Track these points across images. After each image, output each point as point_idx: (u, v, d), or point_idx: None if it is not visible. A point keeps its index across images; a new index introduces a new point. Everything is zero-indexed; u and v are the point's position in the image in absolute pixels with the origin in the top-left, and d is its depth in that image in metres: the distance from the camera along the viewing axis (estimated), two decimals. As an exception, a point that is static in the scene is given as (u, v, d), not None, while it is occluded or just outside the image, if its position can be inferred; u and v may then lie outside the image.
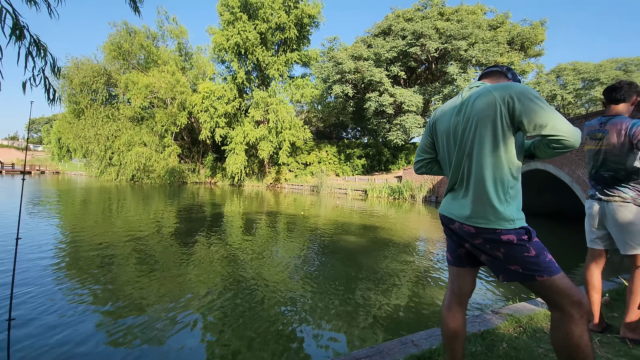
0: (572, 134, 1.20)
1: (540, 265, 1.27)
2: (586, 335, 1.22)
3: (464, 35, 20.90)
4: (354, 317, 3.57)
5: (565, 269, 6.11)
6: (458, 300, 1.54)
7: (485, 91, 1.35)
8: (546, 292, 1.27)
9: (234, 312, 3.64)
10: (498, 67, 1.54)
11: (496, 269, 1.37)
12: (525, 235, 1.30)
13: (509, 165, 1.32)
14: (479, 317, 2.47)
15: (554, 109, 1.23)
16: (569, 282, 1.26)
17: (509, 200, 1.33)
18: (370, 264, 5.69)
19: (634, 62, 27.89)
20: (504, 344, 2.01)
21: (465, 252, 1.51)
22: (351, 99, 25.57)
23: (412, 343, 2.00)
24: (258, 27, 25.84)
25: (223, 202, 16.56)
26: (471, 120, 1.36)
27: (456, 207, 1.44)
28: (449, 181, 1.52)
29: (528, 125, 1.24)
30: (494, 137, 1.31)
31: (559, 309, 1.26)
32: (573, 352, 1.22)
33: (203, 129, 27.71)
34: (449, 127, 1.47)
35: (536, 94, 1.27)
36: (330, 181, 26.90)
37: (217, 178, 31.84)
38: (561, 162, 9.89)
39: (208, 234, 7.97)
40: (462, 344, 1.52)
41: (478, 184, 1.34)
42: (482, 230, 1.33)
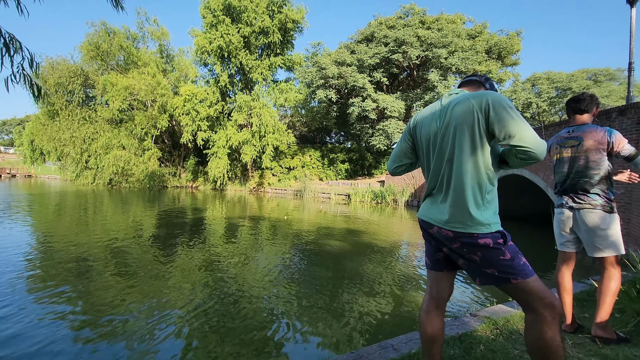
0: (538, 146, 1.25)
1: (515, 268, 1.30)
2: (558, 336, 1.25)
3: (444, 44, 21.45)
4: (336, 322, 3.56)
5: (540, 271, 6.32)
6: (436, 304, 1.55)
7: (463, 98, 1.38)
8: (520, 295, 1.30)
9: (216, 318, 3.57)
10: (477, 76, 1.58)
11: (473, 273, 1.40)
12: (501, 239, 1.33)
13: (487, 171, 1.36)
14: (458, 320, 2.50)
15: (524, 121, 1.28)
16: (541, 284, 1.30)
17: (486, 205, 1.36)
18: (353, 269, 5.70)
19: (603, 72, 29.28)
20: (481, 346, 2.04)
21: (443, 256, 1.53)
22: (334, 104, 25.74)
23: (392, 347, 2.01)
24: (242, 30, 25.71)
25: (205, 207, 16.27)
26: (450, 126, 1.39)
27: (435, 211, 1.46)
28: (427, 186, 1.54)
29: (499, 133, 1.28)
30: (472, 143, 1.34)
31: (532, 311, 1.29)
32: (546, 352, 1.25)
33: (184, 132, 27.22)
34: (428, 133, 1.50)
35: (510, 104, 1.31)
36: (314, 185, 26.88)
37: (198, 182, 31.27)
38: (536, 167, 10.24)
39: (189, 239, 7.80)
40: (440, 347, 1.54)
41: (457, 189, 1.36)
42: (460, 234, 1.36)
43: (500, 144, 1.33)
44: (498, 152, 1.41)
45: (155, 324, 3.40)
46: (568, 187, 2.34)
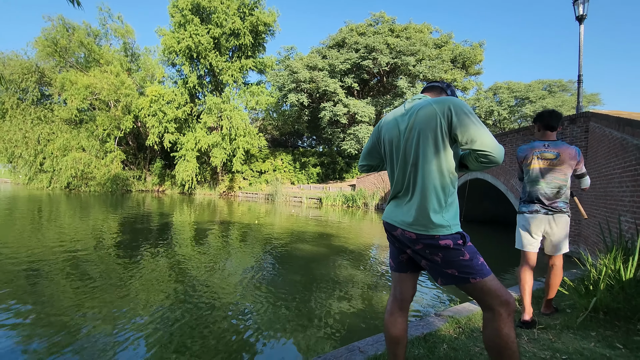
0: (497, 151, 1.31)
1: (474, 268, 1.34)
2: (513, 332, 1.31)
3: (412, 52, 22.15)
4: (306, 327, 3.53)
5: (502, 271, 6.62)
6: (400, 305, 1.58)
7: (426, 104, 1.42)
8: (478, 294, 1.35)
9: (182, 326, 3.44)
10: (439, 82, 1.64)
11: (435, 273, 1.43)
12: (461, 240, 1.37)
13: (449, 174, 1.40)
14: (423, 320, 2.56)
15: (484, 126, 1.33)
16: (498, 283, 1.35)
17: (448, 208, 1.40)
18: (324, 272, 5.70)
19: (557, 83, 31.42)
20: (444, 345, 2.10)
21: (407, 258, 1.56)
22: (306, 108, 25.81)
23: (359, 350, 2.02)
24: (211, 31, 25.22)
25: (172, 212, 15.70)
26: (414, 130, 1.42)
27: (399, 214, 1.48)
28: (392, 189, 1.57)
29: (461, 138, 1.33)
30: (436, 147, 1.38)
31: (489, 309, 1.34)
32: (502, 347, 1.30)
33: (150, 134, 26.22)
34: (392, 137, 1.52)
35: (470, 110, 1.36)
36: (286, 189, 26.73)
37: (165, 186, 30.18)
38: (497, 172, 10.76)
39: (154, 245, 7.48)
40: (404, 348, 1.56)
41: (421, 192, 1.40)
42: (423, 236, 1.39)
43: (462, 148, 1.38)
44: (459, 155, 1.46)
45: (117, 334, 3.22)
46: (541, 195, 2.56)
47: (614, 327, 2.37)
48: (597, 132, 6.30)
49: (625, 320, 2.42)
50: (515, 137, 9.90)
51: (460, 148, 1.41)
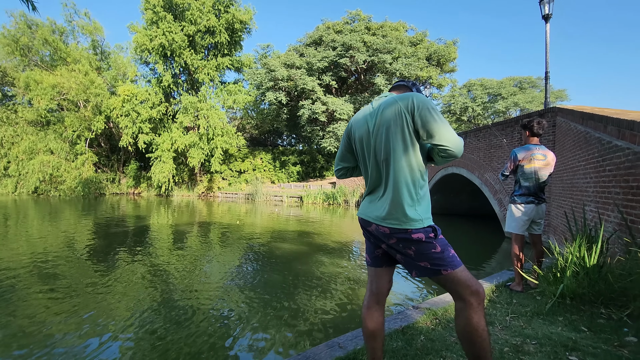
0: (456, 145, 1.35)
1: (445, 260, 1.38)
2: (483, 321, 1.35)
3: (388, 50, 22.41)
4: (288, 325, 3.53)
5: (481, 260, 6.83)
6: (376, 299, 1.60)
7: (392, 101, 1.45)
8: (450, 285, 1.39)
9: (162, 329, 3.36)
10: (405, 81, 1.67)
11: (409, 266, 1.46)
12: (432, 233, 1.40)
13: (419, 169, 1.43)
14: (401, 314, 2.61)
15: (445, 121, 1.37)
16: (468, 274, 1.40)
17: (420, 201, 1.43)
18: (306, 270, 5.71)
19: (527, 80, 32.65)
20: (421, 337, 2.15)
21: (382, 252, 1.58)
22: (285, 106, 25.66)
23: (339, 345, 2.03)
24: (185, 29, 24.61)
25: (148, 214, 15.27)
26: (382, 127, 1.45)
27: (373, 209, 1.50)
28: (367, 186, 1.59)
29: (423, 133, 1.37)
30: (404, 143, 1.40)
31: (460, 299, 1.38)
32: (472, 336, 1.34)
33: (124, 135, 25.37)
34: (362, 135, 1.54)
35: (433, 106, 1.39)
36: (266, 189, 26.52)
37: (141, 188, 29.29)
38: (472, 166, 11.08)
39: (130, 250, 7.25)
40: (382, 342, 1.58)
41: (393, 187, 1.42)
42: (396, 230, 1.41)
43: (423, 142, 1.41)
44: (426, 149, 1.49)
45: (91, 342, 3.11)
46: (534, 189, 3.18)
47: (580, 312, 2.49)
48: (563, 126, 6.60)
49: (589, 305, 2.56)
50: (489, 132, 10.21)
51: (422, 142, 1.44)
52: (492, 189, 9.80)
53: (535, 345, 2.00)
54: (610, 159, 3.76)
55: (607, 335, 2.12)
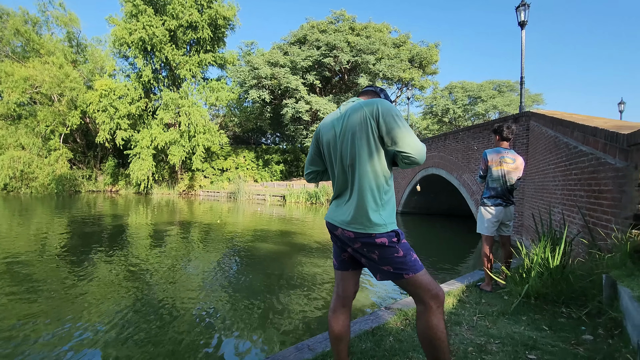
0: (418, 152, 1.38)
1: (407, 264, 1.41)
2: (442, 323, 1.39)
3: (372, 51, 22.59)
4: (265, 326, 3.52)
5: (459, 256, 6.99)
6: (342, 302, 1.62)
7: (358, 106, 1.46)
8: (411, 288, 1.42)
9: (139, 331, 3.31)
10: (373, 87, 1.69)
11: (373, 270, 1.48)
12: (395, 238, 1.43)
13: (384, 174, 1.45)
14: (373, 314, 2.65)
15: (409, 128, 1.40)
16: (429, 277, 1.43)
17: (384, 206, 1.45)
18: (286, 271, 5.71)
19: (505, 84, 33.57)
20: (390, 338, 2.18)
21: (348, 256, 1.60)
22: (268, 105, 25.48)
23: (308, 348, 2.05)
24: (167, 23, 24.07)
25: (126, 213, 14.88)
26: (348, 133, 1.46)
27: (339, 214, 1.52)
28: (334, 190, 1.60)
29: (387, 139, 1.39)
30: (369, 148, 1.42)
31: (421, 302, 1.41)
32: (432, 337, 1.38)
33: (101, 131, 24.65)
34: (329, 140, 1.55)
35: (398, 113, 1.42)
36: (249, 187, 26.30)
37: (119, 186, 28.52)
38: (451, 167, 11.32)
39: (107, 249, 7.05)
40: (347, 344, 1.60)
41: (358, 192, 1.44)
42: (360, 235, 1.43)
43: (388, 148, 1.43)
44: (392, 154, 1.50)
45: (67, 345, 3.01)
46: (502, 191, 3.27)
47: (543, 311, 2.59)
48: (536, 130, 6.82)
49: (552, 304, 2.66)
50: (467, 134, 10.45)
51: (386, 148, 1.45)
52: (469, 190, 10.04)
53: (498, 345, 2.07)
54: (576, 164, 3.92)
55: (566, 333, 2.22)
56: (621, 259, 2.41)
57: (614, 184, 2.83)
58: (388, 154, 1.47)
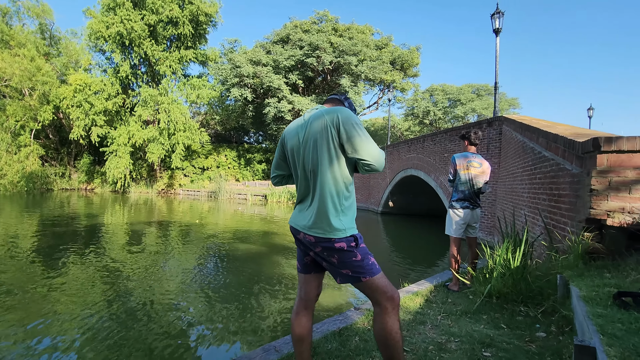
0: (377, 160, 1.44)
1: (365, 268, 1.46)
2: (397, 325, 1.45)
3: (354, 52, 22.76)
4: (241, 328, 3.54)
5: (437, 255, 7.14)
6: (305, 305, 1.66)
7: (320, 114, 1.51)
8: (368, 291, 1.48)
9: (114, 333, 3.27)
10: (337, 95, 1.74)
11: (333, 273, 1.54)
12: (353, 242, 1.48)
13: (344, 180, 1.50)
14: (342, 315, 2.71)
15: (368, 136, 1.45)
16: (385, 281, 1.49)
17: (345, 212, 1.50)
18: (265, 272, 5.72)
19: (484, 87, 34.50)
20: (356, 338, 2.24)
21: (310, 259, 1.64)
22: (250, 104, 25.27)
23: (275, 349, 2.08)
24: (146, 18, 23.49)
25: (102, 212, 14.47)
26: (310, 140, 1.50)
27: (301, 218, 1.56)
28: (297, 195, 1.64)
29: (347, 147, 1.44)
30: (329, 155, 1.47)
31: (377, 304, 1.47)
32: (386, 338, 1.44)
33: (75, 127, 23.82)
34: (293, 146, 1.59)
35: (358, 121, 1.47)
36: (230, 186, 26.03)
37: (94, 184, 27.66)
38: (429, 169, 11.57)
39: (81, 250, 6.85)
40: (309, 346, 1.64)
41: (319, 198, 1.48)
42: (320, 239, 1.47)
43: (348, 156, 1.48)
44: (354, 160, 1.55)
45: (42, 350, 2.93)
46: (470, 194, 3.39)
47: (503, 310, 2.72)
48: (507, 134, 7.08)
49: (512, 303, 2.79)
50: (444, 137, 10.72)
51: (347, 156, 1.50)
52: (446, 192, 10.30)
53: (457, 343, 2.16)
54: (539, 168, 4.11)
55: (522, 331, 2.34)
56: (574, 260, 2.56)
57: (571, 188, 3.00)
58: (349, 161, 1.52)
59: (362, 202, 18.70)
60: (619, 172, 2.46)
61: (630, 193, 2.43)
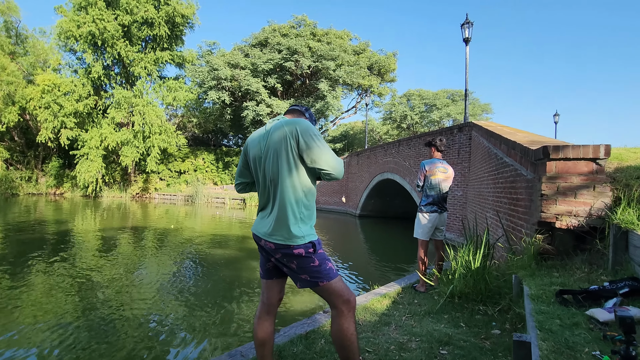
0: (334, 169, 1.52)
1: (322, 273, 1.53)
2: (352, 327, 1.53)
3: (332, 57, 23.00)
4: (214, 334, 3.54)
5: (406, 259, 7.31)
6: (267, 310, 1.71)
7: (280, 125, 1.57)
8: (326, 294, 1.55)
9: (85, 343, 3.18)
10: (299, 106, 1.81)
11: (294, 278, 1.60)
12: (312, 249, 1.54)
13: (303, 189, 1.56)
14: (310, 319, 2.77)
15: (326, 146, 1.53)
16: (342, 285, 1.56)
17: (304, 219, 1.56)
18: (242, 277, 5.72)
19: (458, 93, 35.56)
20: (322, 341, 2.31)
21: (272, 265, 1.70)
22: (229, 107, 25.01)
23: (240, 354, 2.11)
24: (120, 18, 22.87)
25: (71, 218, 13.92)
26: (270, 150, 1.56)
27: (262, 226, 1.61)
28: (259, 202, 1.70)
29: (306, 158, 1.51)
30: (289, 165, 1.53)
31: (334, 307, 1.54)
32: (342, 339, 1.51)
33: (43, 129, 22.82)
34: (255, 155, 1.65)
35: (316, 133, 1.54)
36: (207, 190, 25.62)
37: (64, 188, 26.56)
38: (404, 172, 11.84)
39: (50, 257, 6.59)
40: (271, 350, 1.70)
41: (279, 206, 1.54)
42: (280, 246, 1.53)
43: (307, 166, 1.55)
44: (314, 170, 1.62)
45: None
46: (438, 198, 3.53)
47: (464, 309, 2.86)
48: (476, 140, 7.38)
49: (472, 303, 2.94)
50: (418, 142, 11.02)
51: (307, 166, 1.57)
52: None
53: (418, 342, 2.26)
54: (501, 173, 4.33)
55: (479, 329, 2.47)
56: (528, 261, 2.73)
57: (526, 193, 3.19)
58: (310, 171, 1.59)
59: (341, 205, 18.85)
60: (566, 178, 2.66)
61: (575, 197, 2.63)
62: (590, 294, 1.91)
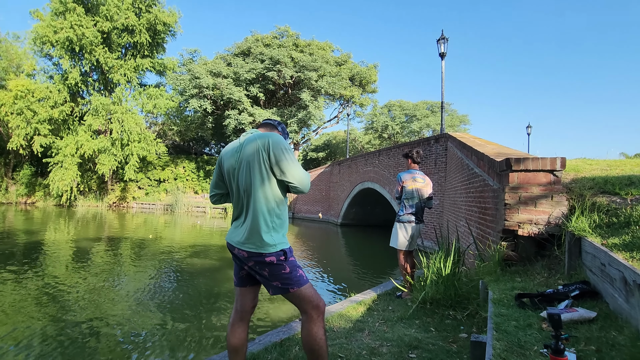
0: (301, 182, 1.61)
1: (292, 280, 1.60)
2: (322, 332, 1.60)
3: (314, 67, 23.32)
4: (189, 345, 3.49)
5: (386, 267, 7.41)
6: (240, 317, 1.76)
7: (253, 138, 1.65)
8: (296, 300, 1.62)
9: (56, 355, 3.08)
10: (272, 120, 1.89)
11: (266, 285, 1.66)
12: (283, 256, 1.61)
13: (275, 199, 1.64)
14: (286, 326, 2.81)
15: (295, 161, 1.61)
16: (312, 291, 1.64)
17: (276, 228, 1.64)
18: (222, 287, 5.66)
19: (437, 104, 36.60)
20: (297, 348, 2.35)
21: (245, 273, 1.75)
22: (210, 115, 24.85)
23: (215, 363, 2.14)
24: (99, 24, 22.50)
25: (43, 228, 13.40)
26: (243, 162, 1.64)
27: (236, 235, 1.67)
28: (233, 212, 1.76)
29: (276, 170, 1.59)
30: (261, 177, 1.61)
31: (304, 312, 1.61)
32: (312, 344, 1.58)
33: (14, 136, 21.96)
34: (229, 167, 1.71)
35: (286, 146, 1.63)
36: (188, 199, 25.20)
37: (36, 197, 25.54)
38: (384, 182, 12.07)
39: (20, 269, 6.35)
40: (243, 356, 1.74)
41: (253, 215, 1.61)
42: (253, 254, 1.60)
43: (277, 178, 1.63)
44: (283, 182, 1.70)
45: None
46: (417, 208, 3.61)
47: (434, 315, 2.97)
48: (451, 151, 7.66)
49: (442, 308, 3.06)
50: (397, 152, 11.29)
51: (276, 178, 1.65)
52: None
53: (389, 347, 2.35)
54: (473, 183, 4.53)
55: (447, 333, 2.58)
56: (494, 267, 2.87)
57: (493, 202, 3.37)
58: (280, 182, 1.67)
59: (323, 214, 18.92)
60: (527, 188, 2.83)
61: (535, 207, 2.80)
62: (545, 296, 2.05)
